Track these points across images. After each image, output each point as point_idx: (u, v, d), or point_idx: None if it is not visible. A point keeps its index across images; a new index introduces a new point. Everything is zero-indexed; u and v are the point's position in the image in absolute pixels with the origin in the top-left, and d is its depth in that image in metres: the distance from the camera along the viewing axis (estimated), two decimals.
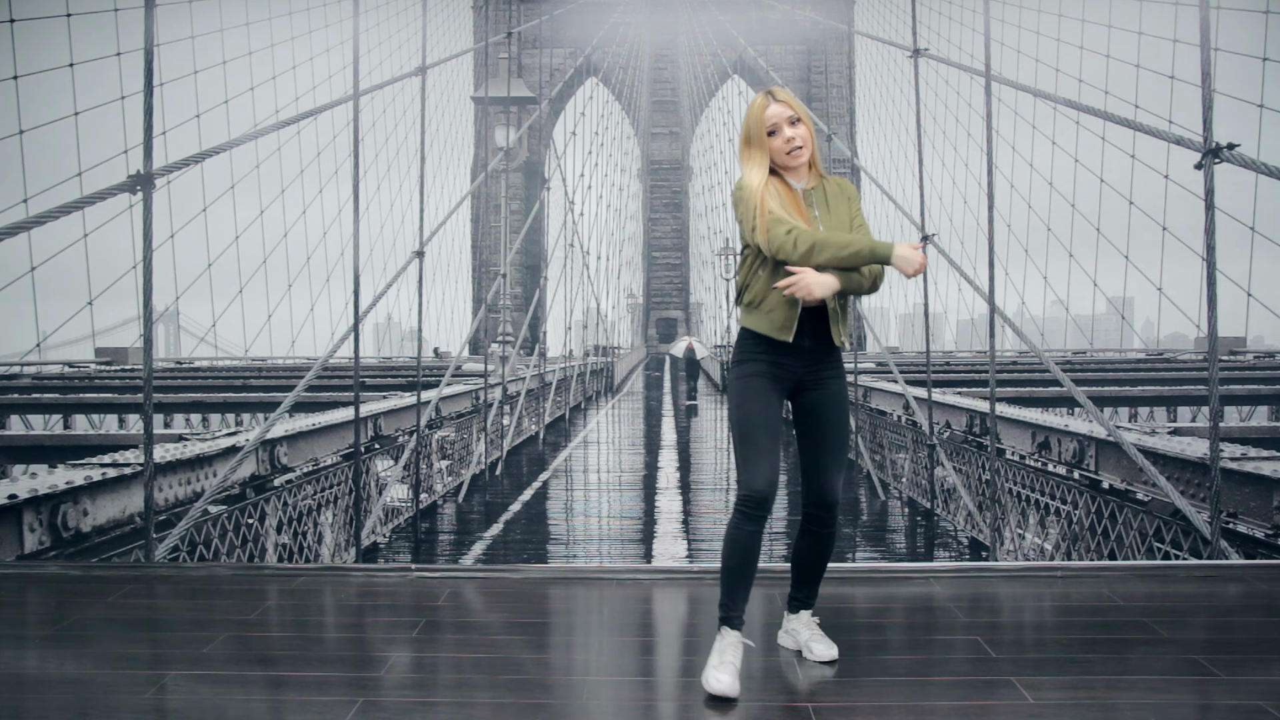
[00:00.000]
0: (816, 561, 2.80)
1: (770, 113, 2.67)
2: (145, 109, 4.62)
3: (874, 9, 29.44)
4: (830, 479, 2.71)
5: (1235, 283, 7.41)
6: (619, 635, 2.95)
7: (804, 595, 2.84)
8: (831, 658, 2.72)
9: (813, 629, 2.81)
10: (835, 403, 2.72)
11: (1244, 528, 5.52)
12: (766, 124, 2.67)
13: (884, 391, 13.08)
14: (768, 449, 2.61)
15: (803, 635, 2.80)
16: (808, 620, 2.83)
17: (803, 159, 2.69)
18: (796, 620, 2.84)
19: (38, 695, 2.56)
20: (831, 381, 2.72)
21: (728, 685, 2.47)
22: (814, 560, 2.80)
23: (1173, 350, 22.66)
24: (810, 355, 2.68)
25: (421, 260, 9.02)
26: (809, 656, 2.75)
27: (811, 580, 2.82)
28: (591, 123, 28.87)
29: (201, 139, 11.55)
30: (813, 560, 2.80)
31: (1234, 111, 8.30)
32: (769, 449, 2.61)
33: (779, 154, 2.68)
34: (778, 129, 2.67)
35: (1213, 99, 4.57)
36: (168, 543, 5.12)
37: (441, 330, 30.34)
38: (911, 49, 9.28)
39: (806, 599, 2.84)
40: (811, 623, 2.83)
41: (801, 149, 2.67)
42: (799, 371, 2.69)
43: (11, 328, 11.18)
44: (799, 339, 2.65)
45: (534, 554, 9.22)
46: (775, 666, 2.71)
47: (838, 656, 2.73)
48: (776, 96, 2.69)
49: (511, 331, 22.67)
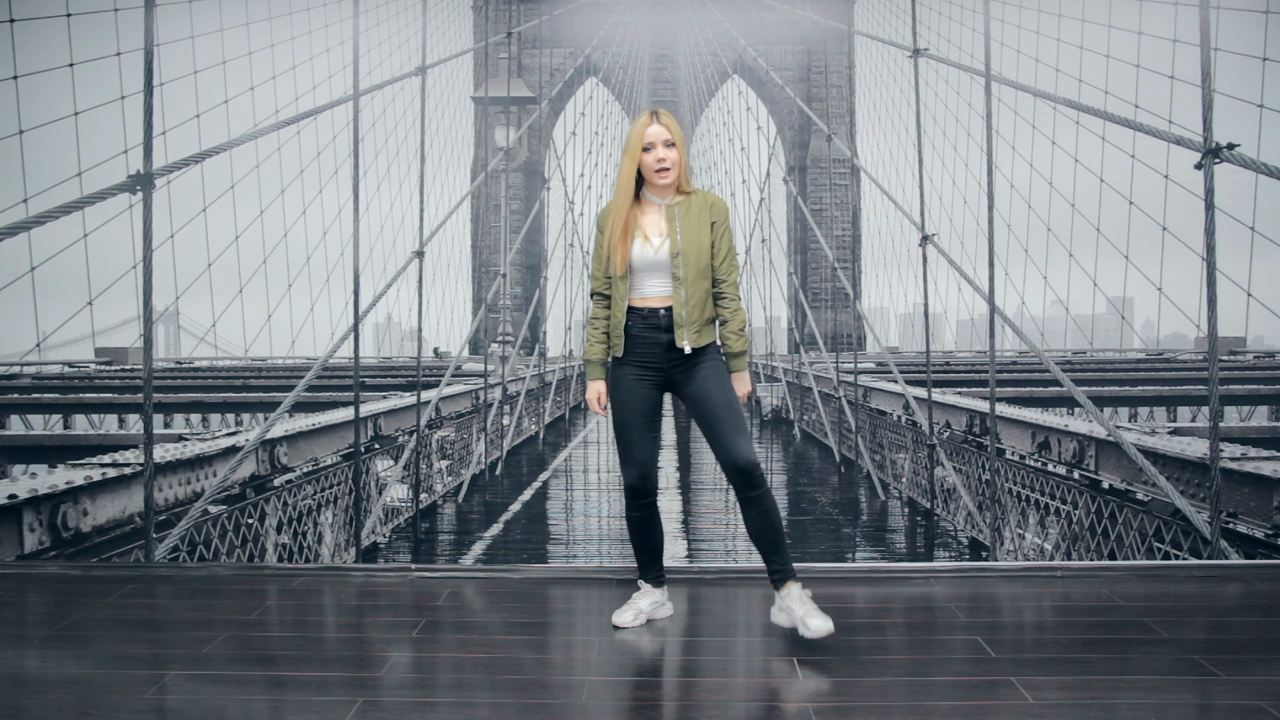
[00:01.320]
0: (766, 528, 2.89)
1: (650, 131, 2.95)
2: (145, 109, 4.62)
3: (874, 9, 29.43)
4: (732, 445, 2.88)
5: (1235, 283, 7.41)
6: (619, 635, 2.95)
7: (777, 565, 2.89)
8: (828, 632, 2.74)
9: (806, 603, 2.82)
10: (708, 380, 2.96)
11: (1244, 528, 5.52)
12: (644, 140, 2.95)
13: (884, 391, 13.09)
14: (637, 446, 2.98)
15: (797, 611, 2.81)
16: (799, 595, 2.84)
17: (668, 180, 2.96)
18: (788, 596, 2.86)
19: (38, 695, 2.55)
20: (701, 367, 2.98)
21: (626, 621, 2.97)
22: (763, 527, 2.89)
23: (1173, 350, 22.66)
24: (672, 352, 2.96)
25: (421, 260, 9.02)
26: (804, 634, 2.76)
27: (774, 547, 2.89)
28: (591, 123, 28.87)
29: (201, 139, 11.54)
30: (762, 527, 2.89)
31: (1234, 111, 8.29)
32: (639, 445, 2.98)
33: (647, 169, 2.97)
34: (653, 146, 2.95)
35: (1213, 99, 4.57)
36: (168, 543, 5.12)
37: (441, 330, 30.31)
38: (911, 49, 9.29)
39: (782, 568, 2.88)
40: (804, 596, 2.85)
41: (669, 170, 2.95)
42: (666, 369, 2.99)
43: (11, 328, 11.17)
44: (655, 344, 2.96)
45: (534, 554, 9.22)
46: (774, 666, 2.71)
47: (833, 630, 2.74)
48: (660, 119, 2.97)
49: (511, 331, 22.67)
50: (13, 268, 7.29)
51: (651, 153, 2.95)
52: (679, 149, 2.96)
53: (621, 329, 2.98)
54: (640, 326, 2.98)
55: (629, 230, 2.97)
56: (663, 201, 3.01)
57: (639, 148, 2.95)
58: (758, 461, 2.90)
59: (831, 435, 15.03)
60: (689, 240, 2.95)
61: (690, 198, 3.01)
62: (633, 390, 2.99)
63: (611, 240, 2.97)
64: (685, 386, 2.99)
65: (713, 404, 2.94)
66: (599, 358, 3.04)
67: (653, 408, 3.01)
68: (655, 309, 2.97)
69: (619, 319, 2.99)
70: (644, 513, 3.03)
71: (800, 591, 2.85)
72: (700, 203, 3.00)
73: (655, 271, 2.96)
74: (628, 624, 2.98)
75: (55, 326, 9.54)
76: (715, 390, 2.96)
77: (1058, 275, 16.72)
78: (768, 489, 2.91)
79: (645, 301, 2.98)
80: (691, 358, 2.97)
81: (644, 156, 2.96)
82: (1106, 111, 7.61)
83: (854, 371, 13.98)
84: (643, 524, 3.05)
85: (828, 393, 15.12)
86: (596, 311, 3.07)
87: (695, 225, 2.97)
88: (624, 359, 3.00)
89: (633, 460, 2.98)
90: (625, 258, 2.96)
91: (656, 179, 2.96)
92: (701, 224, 2.98)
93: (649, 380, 2.99)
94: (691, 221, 2.97)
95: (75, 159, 8.94)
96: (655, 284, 2.97)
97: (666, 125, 2.95)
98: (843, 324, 26.51)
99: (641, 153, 2.96)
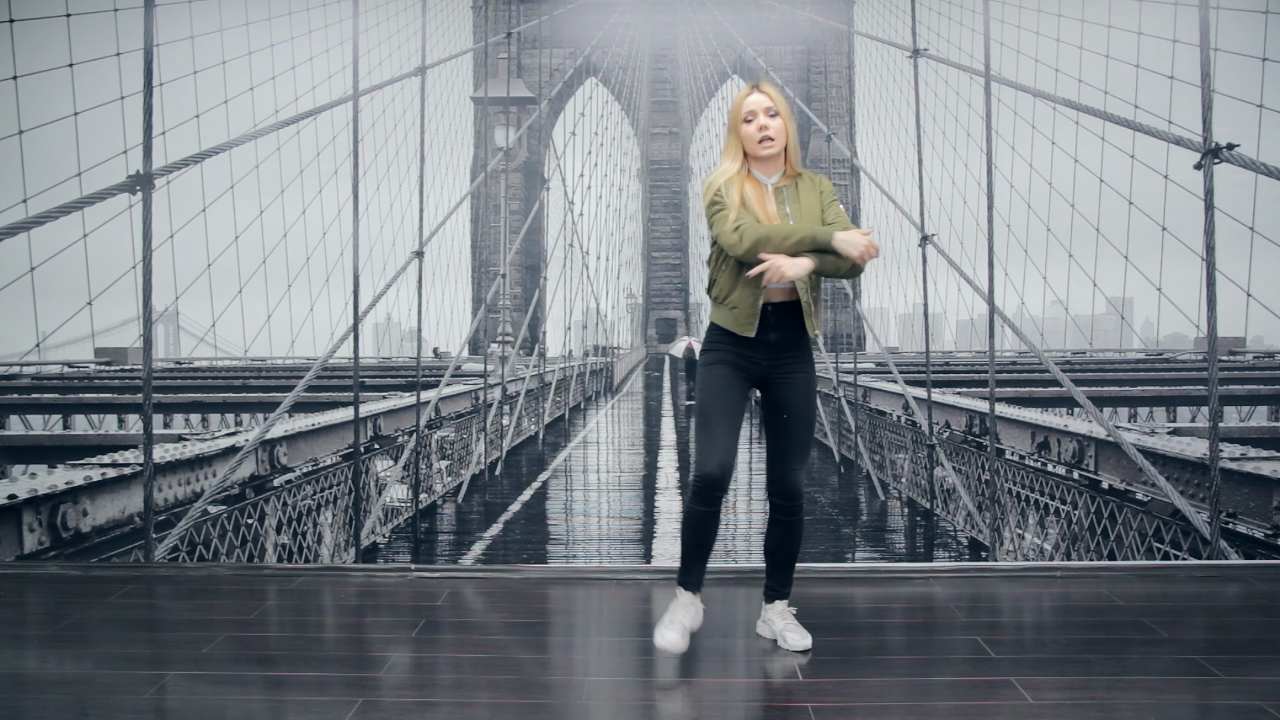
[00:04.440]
0: (785, 550, 2.87)
1: (750, 100, 2.75)
2: (145, 109, 4.61)
3: (874, 9, 29.44)
4: (791, 469, 2.80)
5: (1235, 283, 7.42)
6: (619, 635, 2.95)
7: (776, 584, 2.91)
8: (805, 647, 2.78)
9: (787, 619, 2.87)
10: (799, 395, 2.79)
11: (1243, 528, 5.52)
12: (744, 111, 2.75)
13: (884, 391, 13.08)
14: (723, 435, 2.70)
15: (777, 625, 2.86)
16: (782, 610, 2.89)
17: (772, 150, 2.74)
18: (772, 610, 2.90)
19: (37, 695, 2.55)
20: (797, 375, 2.79)
21: (672, 641, 2.67)
22: (782, 548, 2.87)
23: (1172, 350, 22.67)
24: (775, 348, 2.76)
25: (421, 260, 9.01)
26: (784, 645, 2.81)
27: (783, 568, 2.89)
28: (591, 123, 28.86)
29: (201, 139, 11.56)
30: (781, 548, 2.87)
31: (1234, 111, 8.30)
32: (724, 435, 2.71)
33: (749, 140, 2.75)
34: (754, 116, 2.74)
35: (1212, 99, 4.57)
36: (167, 543, 5.12)
37: (441, 330, 30.34)
38: (911, 49, 9.29)
39: (780, 587, 2.91)
40: (786, 612, 2.89)
41: (772, 140, 2.73)
42: (764, 364, 2.77)
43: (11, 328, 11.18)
44: (764, 333, 2.74)
45: (534, 554, 9.22)
46: (774, 666, 2.71)
47: (810, 646, 2.77)
48: (761, 88, 2.77)
49: (511, 331, 22.67)
50: (13, 268, 7.29)
51: (753, 123, 2.73)
52: (785, 120, 2.74)
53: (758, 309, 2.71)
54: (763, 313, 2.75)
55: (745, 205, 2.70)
56: (769, 180, 2.77)
57: (739, 120, 2.75)
58: (804, 491, 2.84)
59: (831, 435, 15.04)
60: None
61: (799, 180, 2.79)
62: (729, 378, 2.76)
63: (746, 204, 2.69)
64: (777, 388, 2.79)
65: (796, 420, 2.79)
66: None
67: (742, 400, 2.79)
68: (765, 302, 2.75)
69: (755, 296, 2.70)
70: (713, 508, 2.72)
71: (784, 608, 2.90)
72: (809, 186, 2.78)
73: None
74: (676, 647, 2.69)
75: (55, 326, 9.54)
76: (805, 408, 2.80)
77: (1057, 275, 16.74)
78: (802, 516, 2.85)
79: None
80: (790, 358, 2.77)
81: (745, 129, 2.74)
82: (1106, 112, 7.61)
83: (854, 372, 13.98)
84: (706, 521, 2.74)
85: (827, 393, 15.12)
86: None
87: (807, 210, 2.74)
88: (724, 344, 2.76)
89: (716, 450, 2.69)
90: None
91: (760, 149, 2.73)
92: (813, 209, 2.74)
93: (744, 372, 2.77)
94: (803, 205, 2.74)
95: (75, 159, 8.95)
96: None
97: (768, 93, 2.75)
98: (842, 324, 26.50)
99: (743, 124, 2.75)
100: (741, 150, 2.77)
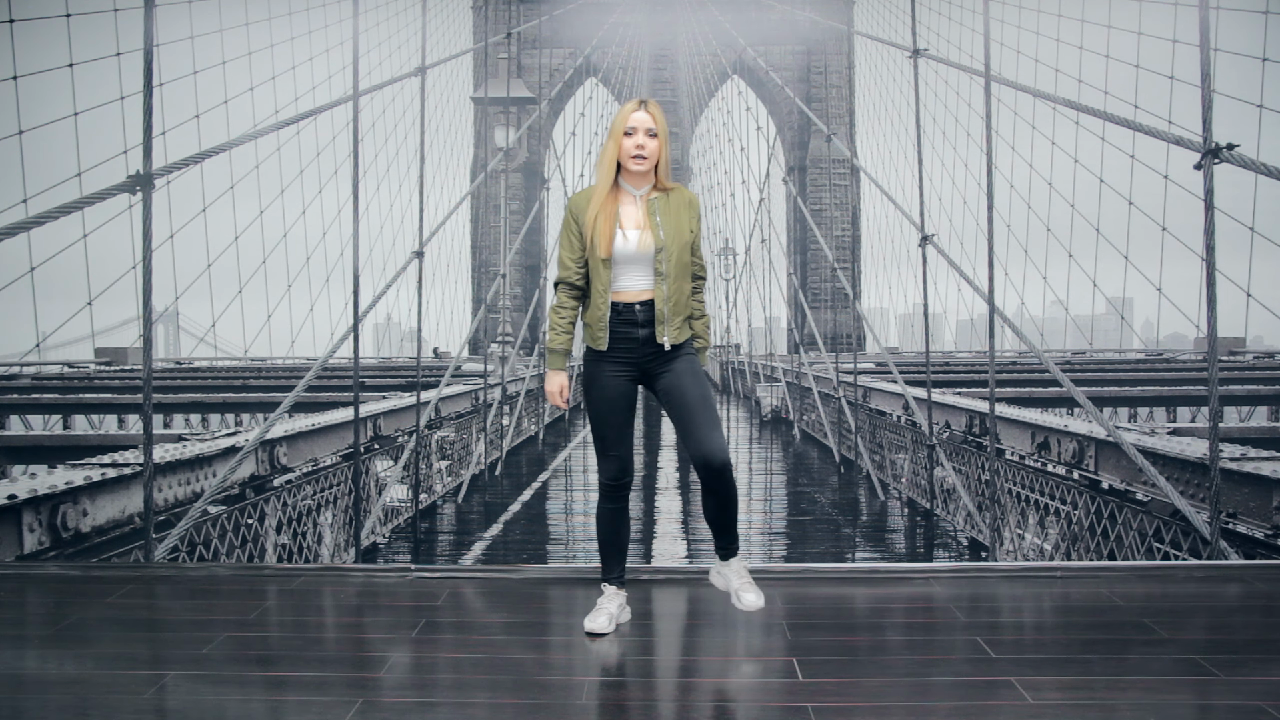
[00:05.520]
0: (722, 516, 3.01)
1: (635, 117, 2.93)
2: (145, 109, 4.62)
3: (874, 9, 29.42)
4: (707, 440, 2.90)
5: (1235, 283, 7.40)
6: (619, 635, 2.95)
7: (724, 544, 3.05)
8: (758, 606, 2.96)
9: (744, 577, 3.03)
10: (684, 374, 2.97)
11: (1243, 528, 5.52)
12: (627, 124, 2.92)
13: (884, 392, 13.08)
14: (614, 443, 2.99)
15: (733, 582, 3.03)
16: (738, 568, 3.04)
17: (642, 167, 2.92)
18: (727, 568, 3.06)
19: (37, 695, 2.55)
20: (676, 360, 2.98)
21: (601, 625, 2.93)
22: (720, 515, 3.01)
23: (1172, 350, 22.65)
24: (648, 346, 2.95)
25: (421, 260, 9.02)
26: (737, 604, 2.99)
27: (725, 531, 3.04)
28: (591, 123, 28.84)
29: (201, 139, 11.53)
30: (719, 515, 3.01)
31: (1234, 111, 8.29)
32: (615, 442, 2.99)
33: (624, 154, 2.93)
34: (634, 132, 2.91)
35: (1212, 99, 4.57)
36: (167, 543, 5.12)
37: (441, 330, 30.28)
38: (911, 49, 9.29)
39: (728, 546, 3.05)
40: (742, 570, 3.04)
41: (644, 159, 2.91)
42: (641, 364, 2.97)
43: (11, 328, 11.16)
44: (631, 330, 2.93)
45: (534, 554, 9.22)
46: (775, 666, 2.71)
47: (764, 605, 2.96)
48: (648, 108, 2.94)
49: (511, 332, 22.66)
50: (13, 268, 7.28)
51: (632, 138, 2.90)
52: (661, 141, 2.92)
53: (606, 322, 2.93)
54: (616, 321, 2.94)
55: (611, 220, 2.91)
56: (638, 192, 2.96)
57: (621, 131, 2.92)
58: (729, 459, 2.92)
59: (831, 435, 15.03)
60: (672, 235, 2.92)
61: (669, 193, 2.97)
62: (611, 385, 2.96)
63: (596, 227, 2.90)
64: (660, 380, 2.97)
65: (689, 398, 2.93)
66: (563, 348, 2.99)
67: (630, 402, 3.01)
68: (631, 304, 2.93)
69: (601, 311, 2.93)
70: (619, 505, 3.03)
71: (740, 566, 3.04)
72: (679, 199, 2.97)
73: (632, 264, 2.91)
74: (604, 630, 2.94)
75: (55, 327, 9.52)
76: (691, 385, 2.95)
77: (1057, 275, 16.70)
78: (732, 477, 2.96)
79: (620, 295, 2.93)
80: (669, 352, 2.96)
81: (624, 140, 2.91)
82: (1106, 112, 7.62)
83: (854, 372, 13.98)
84: (615, 518, 3.04)
85: (827, 393, 15.12)
86: (563, 300, 2.98)
87: (676, 220, 2.94)
88: (601, 353, 2.96)
89: (613, 455, 2.98)
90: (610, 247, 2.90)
91: (631, 165, 2.91)
92: (682, 220, 2.95)
93: (625, 375, 2.97)
94: (672, 216, 2.94)
95: (75, 159, 8.94)
96: (632, 277, 2.93)
97: (652, 114, 2.92)
98: (842, 324, 26.51)
99: (623, 136, 2.92)
100: (615, 157, 2.94)
